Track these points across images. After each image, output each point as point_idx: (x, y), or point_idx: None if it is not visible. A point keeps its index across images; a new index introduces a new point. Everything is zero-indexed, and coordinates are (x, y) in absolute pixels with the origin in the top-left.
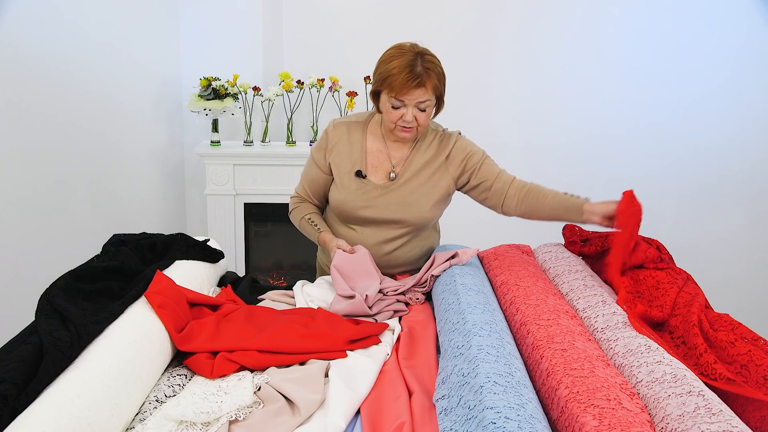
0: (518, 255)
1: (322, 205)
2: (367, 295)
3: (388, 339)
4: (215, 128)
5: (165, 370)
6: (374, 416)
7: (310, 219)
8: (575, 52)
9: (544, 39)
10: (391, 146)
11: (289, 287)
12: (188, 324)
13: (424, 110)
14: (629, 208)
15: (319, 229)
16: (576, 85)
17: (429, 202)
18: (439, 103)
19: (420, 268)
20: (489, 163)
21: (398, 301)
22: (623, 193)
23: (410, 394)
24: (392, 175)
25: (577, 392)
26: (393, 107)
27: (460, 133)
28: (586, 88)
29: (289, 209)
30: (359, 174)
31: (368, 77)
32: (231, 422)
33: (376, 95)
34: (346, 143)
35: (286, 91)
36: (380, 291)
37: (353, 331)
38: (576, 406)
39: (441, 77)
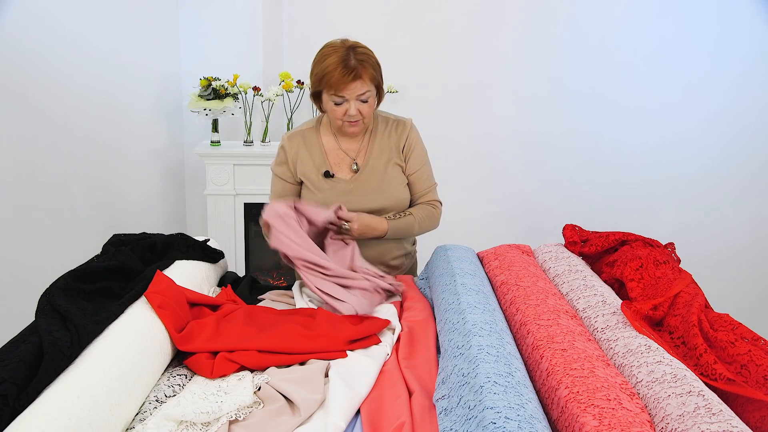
0: (518, 255)
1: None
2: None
3: (388, 339)
4: (215, 128)
5: (165, 370)
6: (374, 416)
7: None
8: (577, 52)
9: (547, 39)
10: (346, 141)
11: (289, 287)
12: (188, 324)
13: (366, 101)
14: None
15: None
16: (577, 84)
17: (400, 183)
18: (379, 92)
19: (411, 253)
20: (419, 176)
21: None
22: None
23: (410, 394)
24: (354, 167)
25: (577, 392)
26: (335, 104)
27: (412, 121)
28: (587, 87)
29: (263, 230)
30: (327, 174)
31: None
32: (231, 422)
33: (317, 97)
34: (306, 151)
35: (286, 91)
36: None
37: (353, 331)
38: (576, 406)
39: (376, 67)
